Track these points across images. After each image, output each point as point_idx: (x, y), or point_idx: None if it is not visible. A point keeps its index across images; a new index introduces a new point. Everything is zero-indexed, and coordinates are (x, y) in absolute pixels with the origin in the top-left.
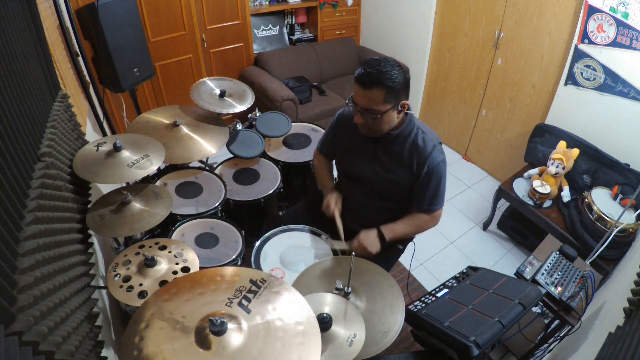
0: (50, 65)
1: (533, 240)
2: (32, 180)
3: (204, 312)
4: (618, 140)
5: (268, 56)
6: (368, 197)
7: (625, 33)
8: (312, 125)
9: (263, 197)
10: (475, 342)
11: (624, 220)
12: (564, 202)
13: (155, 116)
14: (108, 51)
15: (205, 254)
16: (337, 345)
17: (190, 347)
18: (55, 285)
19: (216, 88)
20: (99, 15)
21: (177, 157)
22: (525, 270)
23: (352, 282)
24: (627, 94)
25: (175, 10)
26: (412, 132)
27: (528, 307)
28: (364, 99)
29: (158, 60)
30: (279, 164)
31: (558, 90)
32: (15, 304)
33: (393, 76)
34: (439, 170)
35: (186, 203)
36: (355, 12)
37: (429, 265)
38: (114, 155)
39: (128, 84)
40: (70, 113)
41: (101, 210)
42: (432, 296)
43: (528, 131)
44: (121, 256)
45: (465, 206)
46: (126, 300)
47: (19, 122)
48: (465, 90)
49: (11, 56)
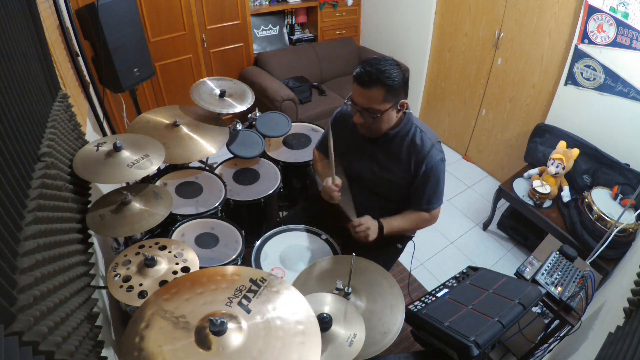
0: (50, 65)
1: (533, 240)
2: (32, 180)
3: (204, 312)
4: (618, 140)
5: (268, 56)
6: (366, 197)
7: (625, 33)
8: (312, 125)
9: (263, 197)
10: (475, 342)
11: (624, 220)
12: (564, 202)
13: (155, 116)
14: (108, 51)
15: (205, 254)
16: (337, 345)
17: (190, 347)
18: (55, 285)
19: (216, 88)
20: (99, 15)
21: (177, 157)
22: (525, 270)
23: (352, 282)
24: (627, 94)
25: (175, 10)
26: (410, 131)
27: (528, 307)
28: (364, 98)
29: (158, 60)
30: (279, 164)
31: (558, 90)
32: (15, 304)
33: (392, 75)
34: (438, 169)
35: (186, 203)
36: (355, 12)
37: (429, 265)
38: (114, 155)
39: (128, 84)
40: (70, 113)
41: (101, 210)
42: (432, 296)
43: (528, 131)
44: (121, 256)
45: (465, 206)
46: (126, 300)
47: (19, 122)
48: (465, 90)
49: (11, 56)
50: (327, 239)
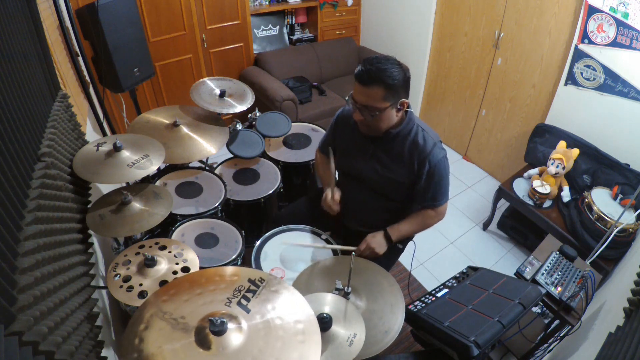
0: (50, 65)
1: (533, 240)
2: (32, 180)
3: (204, 312)
4: (618, 140)
5: (268, 56)
6: (368, 196)
7: (625, 33)
8: (312, 125)
9: (263, 197)
10: (475, 342)
11: (624, 220)
12: (564, 202)
13: (155, 116)
14: (108, 51)
15: (205, 254)
16: (337, 345)
17: (190, 347)
18: (55, 285)
19: (216, 88)
20: (99, 15)
21: (177, 157)
22: (525, 270)
23: (352, 281)
24: (627, 94)
25: (175, 10)
26: (412, 130)
27: (528, 307)
28: (363, 96)
29: (158, 60)
30: (279, 164)
31: (558, 90)
32: (15, 304)
33: (393, 74)
34: (441, 167)
35: (186, 203)
36: (355, 12)
37: (429, 265)
38: (114, 155)
39: (128, 84)
40: (70, 113)
41: (101, 210)
42: (432, 296)
43: (528, 131)
44: (121, 256)
45: (465, 206)
46: (126, 300)
47: (19, 122)
48: (465, 90)
49: (11, 56)
50: (327, 239)
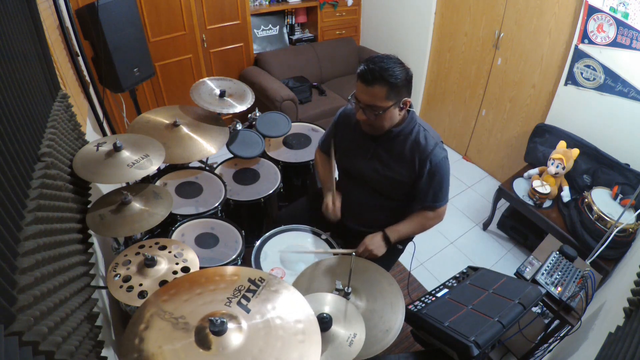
0: (50, 65)
1: (533, 240)
2: (32, 180)
3: (204, 312)
4: (618, 140)
5: (268, 56)
6: (368, 195)
7: (625, 33)
8: (312, 125)
9: (263, 197)
10: (475, 342)
11: (624, 220)
12: (564, 202)
13: (155, 116)
14: (108, 51)
15: (205, 254)
16: (337, 345)
17: (190, 347)
18: (55, 285)
19: (216, 88)
20: (99, 15)
21: (177, 157)
22: (525, 270)
23: (352, 281)
24: (627, 94)
25: (175, 10)
26: (414, 129)
27: (528, 307)
28: (366, 95)
29: (158, 60)
30: (279, 164)
31: (558, 90)
32: (15, 304)
33: (395, 73)
34: (442, 167)
35: (186, 203)
36: (355, 12)
37: (429, 265)
38: (114, 155)
39: (128, 84)
40: (70, 113)
41: (101, 210)
42: (432, 296)
43: (528, 131)
44: (121, 256)
45: (465, 206)
46: (126, 300)
47: (19, 122)
48: (465, 90)
49: (11, 56)
50: (327, 239)
